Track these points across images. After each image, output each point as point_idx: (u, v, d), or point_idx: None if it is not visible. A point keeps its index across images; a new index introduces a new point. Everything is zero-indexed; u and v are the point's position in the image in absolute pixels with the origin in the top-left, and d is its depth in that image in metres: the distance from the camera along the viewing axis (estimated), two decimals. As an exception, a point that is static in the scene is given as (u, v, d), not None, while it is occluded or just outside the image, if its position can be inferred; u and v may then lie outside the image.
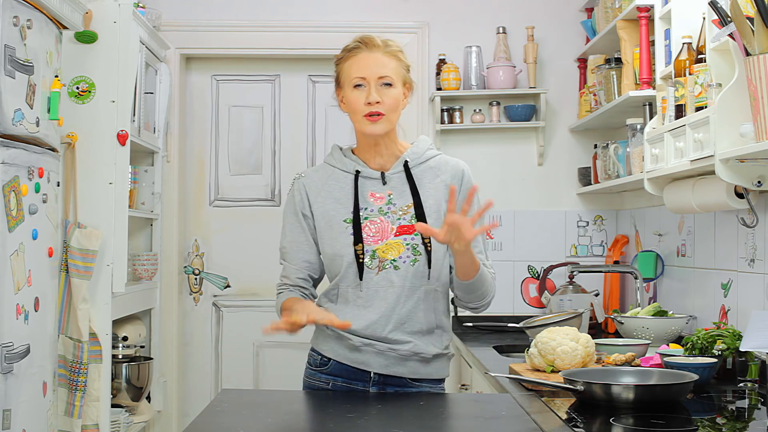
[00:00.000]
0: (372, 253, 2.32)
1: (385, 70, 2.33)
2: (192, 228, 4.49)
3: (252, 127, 4.54)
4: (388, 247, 2.33)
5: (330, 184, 2.40)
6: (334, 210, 2.37)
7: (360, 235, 2.33)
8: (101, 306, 3.37)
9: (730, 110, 2.45)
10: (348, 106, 2.37)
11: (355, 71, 2.33)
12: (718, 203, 2.73)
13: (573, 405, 2.20)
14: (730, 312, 2.99)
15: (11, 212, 2.65)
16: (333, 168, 2.43)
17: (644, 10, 3.22)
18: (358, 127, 2.38)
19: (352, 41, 2.38)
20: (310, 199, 2.40)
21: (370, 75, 2.32)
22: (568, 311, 3.30)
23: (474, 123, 4.31)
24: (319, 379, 2.40)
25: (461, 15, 4.38)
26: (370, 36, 2.37)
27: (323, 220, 2.38)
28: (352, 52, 2.36)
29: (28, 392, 2.77)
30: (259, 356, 4.48)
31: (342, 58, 2.38)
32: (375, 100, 2.31)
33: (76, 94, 3.40)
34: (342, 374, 2.37)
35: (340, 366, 2.37)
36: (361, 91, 2.33)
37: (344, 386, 2.37)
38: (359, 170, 2.39)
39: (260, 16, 4.39)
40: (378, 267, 2.33)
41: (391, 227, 2.34)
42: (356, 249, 2.32)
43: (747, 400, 2.35)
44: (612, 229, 4.35)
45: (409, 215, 2.35)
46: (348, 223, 2.35)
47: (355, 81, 2.33)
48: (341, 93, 2.40)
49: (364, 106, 2.32)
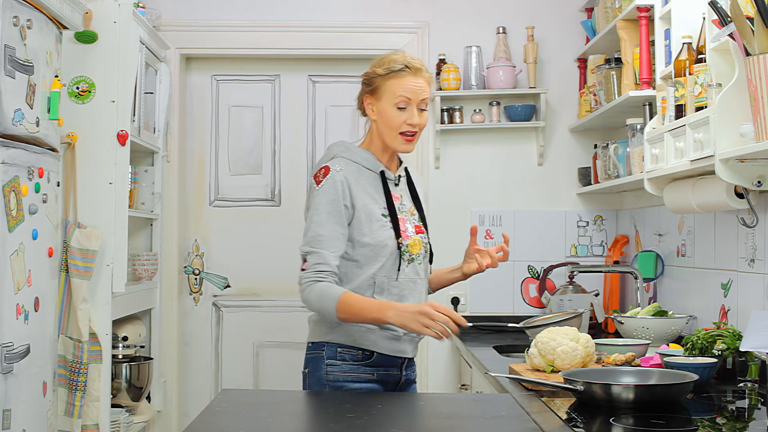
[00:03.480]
0: (406, 247, 2.58)
1: (424, 95, 2.60)
2: (192, 228, 4.49)
3: (252, 127, 4.54)
4: (414, 243, 2.61)
5: (362, 179, 2.59)
6: (371, 204, 2.56)
7: (398, 229, 2.56)
8: (101, 306, 3.37)
9: (730, 110, 2.45)
10: (385, 120, 2.60)
11: (401, 92, 2.57)
12: (718, 203, 2.73)
13: (573, 405, 2.20)
14: (730, 312, 2.99)
15: (11, 212, 2.65)
16: (358, 165, 2.61)
17: (644, 10, 3.22)
18: (390, 142, 2.61)
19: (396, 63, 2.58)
20: (351, 191, 2.54)
21: (414, 98, 2.58)
22: (568, 311, 3.30)
23: (474, 123, 4.31)
24: (364, 372, 2.56)
25: (461, 15, 4.38)
26: (415, 61, 2.61)
27: (363, 213, 2.54)
28: (398, 74, 2.58)
29: (28, 392, 2.77)
30: (259, 356, 4.47)
31: (386, 75, 2.59)
32: (417, 123, 2.58)
33: (76, 94, 3.40)
34: (383, 364, 2.58)
35: (382, 357, 2.57)
36: (402, 112, 2.58)
37: (384, 374, 2.58)
38: (383, 170, 2.62)
39: (260, 16, 4.39)
40: (408, 260, 2.59)
41: (412, 225, 2.63)
42: (399, 242, 2.55)
43: (747, 400, 2.35)
44: (612, 229, 4.35)
45: (416, 217, 2.67)
46: (385, 218, 2.57)
47: (400, 101, 2.57)
48: (374, 102, 2.62)
49: (405, 125, 2.58)
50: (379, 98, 2.60)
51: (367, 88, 2.64)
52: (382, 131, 2.60)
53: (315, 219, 2.52)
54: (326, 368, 2.55)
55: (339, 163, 2.58)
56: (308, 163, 4.52)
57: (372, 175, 2.61)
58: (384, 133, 2.60)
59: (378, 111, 2.61)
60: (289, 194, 4.52)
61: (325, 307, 2.46)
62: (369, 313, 2.44)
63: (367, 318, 2.45)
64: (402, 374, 2.62)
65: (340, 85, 4.52)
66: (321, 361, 2.56)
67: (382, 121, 2.60)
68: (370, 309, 2.44)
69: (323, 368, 2.55)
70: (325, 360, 2.56)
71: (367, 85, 2.64)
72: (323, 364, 2.56)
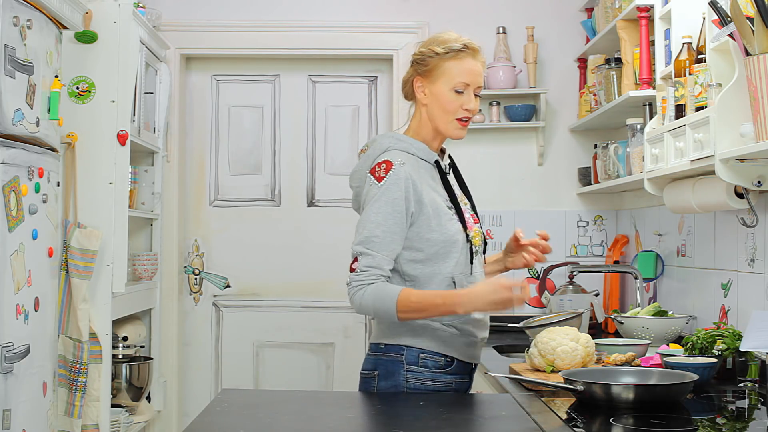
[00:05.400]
0: (471, 238, 2.42)
1: (482, 81, 2.45)
2: (192, 228, 4.49)
3: (252, 127, 4.54)
4: (476, 233, 2.46)
5: (421, 172, 2.40)
6: (436, 197, 2.39)
7: (464, 220, 2.42)
8: (101, 306, 3.37)
9: (730, 110, 2.45)
10: (441, 104, 2.42)
11: (461, 76, 2.40)
12: (718, 203, 2.73)
13: (573, 405, 2.20)
14: (730, 312, 2.99)
15: (11, 212, 2.65)
16: (415, 157, 2.42)
17: (644, 10, 3.22)
18: (444, 128, 2.44)
19: (456, 42, 2.41)
20: (417, 186, 2.35)
21: (473, 83, 2.42)
22: (568, 311, 3.29)
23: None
24: (444, 380, 2.40)
25: (461, 15, 4.38)
26: (471, 41, 2.44)
27: (431, 208, 2.37)
28: (458, 55, 2.41)
29: (28, 392, 2.77)
30: (259, 356, 4.47)
31: (445, 55, 2.41)
32: (474, 108, 2.43)
33: (76, 94, 3.40)
34: (459, 371, 2.44)
35: (460, 364, 2.43)
36: (460, 96, 2.41)
37: (461, 383, 2.44)
38: (437, 160, 2.46)
39: (260, 16, 4.39)
40: (475, 253, 2.44)
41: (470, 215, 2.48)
42: (467, 233, 2.41)
43: (747, 400, 2.35)
44: (612, 229, 4.36)
45: (468, 206, 2.51)
46: (451, 210, 2.41)
47: (459, 85, 2.40)
48: (427, 84, 2.43)
49: (461, 110, 2.41)
50: (435, 80, 2.41)
51: (420, 68, 2.43)
52: (436, 116, 2.42)
53: (373, 218, 2.32)
54: (406, 374, 2.36)
55: (399, 156, 2.37)
56: (308, 163, 4.52)
57: (428, 166, 2.42)
58: (437, 118, 2.42)
59: (432, 94, 2.42)
60: (289, 194, 4.52)
61: (383, 308, 2.27)
62: (436, 307, 2.28)
63: (435, 312, 2.29)
64: (470, 382, 2.48)
65: (340, 85, 4.53)
66: (399, 366, 2.36)
67: (436, 105, 2.41)
68: (435, 302, 2.28)
69: (402, 374, 2.36)
70: (405, 365, 2.36)
71: (420, 65, 2.43)
72: (402, 369, 2.36)
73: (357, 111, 4.53)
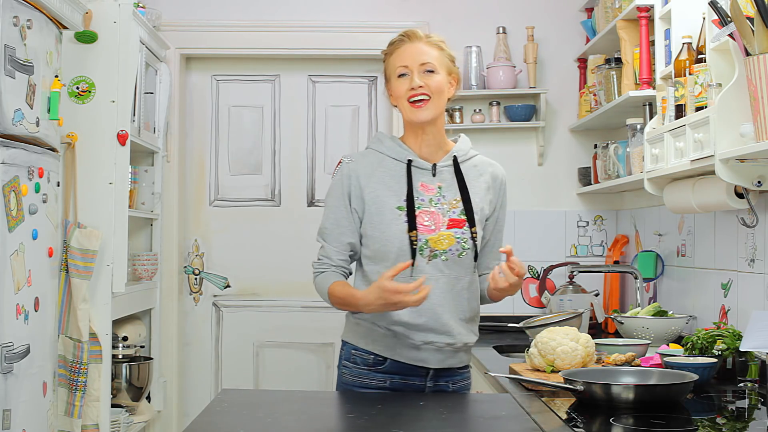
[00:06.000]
0: (425, 242, 2.39)
1: (426, 57, 2.43)
2: (192, 228, 4.49)
3: (252, 127, 4.54)
4: (440, 238, 2.40)
5: (381, 171, 2.45)
6: (385, 196, 2.42)
7: (414, 222, 2.39)
8: (101, 306, 3.37)
9: (730, 110, 2.45)
10: (395, 96, 2.46)
11: (398, 61, 2.44)
12: (718, 203, 2.73)
13: (573, 405, 2.21)
14: (730, 312, 2.99)
15: (11, 212, 2.65)
16: (383, 155, 2.48)
17: (644, 10, 3.22)
18: (406, 115, 2.46)
19: (397, 36, 2.48)
20: (360, 183, 2.43)
21: (412, 63, 2.42)
22: (568, 311, 3.30)
23: (474, 123, 4.31)
24: (374, 378, 2.44)
25: (461, 15, 4.38)
26: (413, 29, 2.48)
27: (374, 206, 2.42)
28: (395, 45, 2.47)
29: (28, 392, 2.77)
30: (259, 356, 4.47)
31: (387, 53, 2.49)
32: (417, 85, 2.40)
33: (76, 94, 3.40)
34: (399, 371, 2.43)
35: (396, 364, 2.43)
36: (404, 79, 2.43)
37: (401, 383, 2.43)
38: (411, 159, 2.45)
39: (260, 16, 4.39)
40: (428, 256, 2.40)
41: (443, 219, 2.42)
42: (410, 236, 2.38)
43: (747, 400, 2.35)
44: (612, 229, 4.35)
45: (458, 209, 2.44)
46: (401, 211, 2.40)
47: (399, 70, 2.43)
48: (389, 86, 2.50)
49: (407, 91, 2.41)
50: (389, 79, 2.48)
51: (384, 79, 2.52)
52: (400, 109, 2.46)
53: (325, 211, 2.49)
54: (342, 370, 2.49)
55: (356, 154, 2.51)
56: (308, 163, 4.52)
57: (397, 165, 2.45)
58: (401, 110, 2.46)
59: (391, 92, 2.48)
60: (289, 194, 4.52)
61: (324, 298, 2.44)
62: (350, 306, 2.39)
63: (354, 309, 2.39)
64: (426, 384, 2.45)
65: (340, 85, 4.53)
66: (340, 360, 2.51)
67: (394, 99, 2.47)
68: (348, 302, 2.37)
69: (340, 368, 2.50)
70: (342, 360, 2.50)
71: (384, 76, 2.52)
72: (341, 364, 2.50)
73: (357, 111, 4.53)
